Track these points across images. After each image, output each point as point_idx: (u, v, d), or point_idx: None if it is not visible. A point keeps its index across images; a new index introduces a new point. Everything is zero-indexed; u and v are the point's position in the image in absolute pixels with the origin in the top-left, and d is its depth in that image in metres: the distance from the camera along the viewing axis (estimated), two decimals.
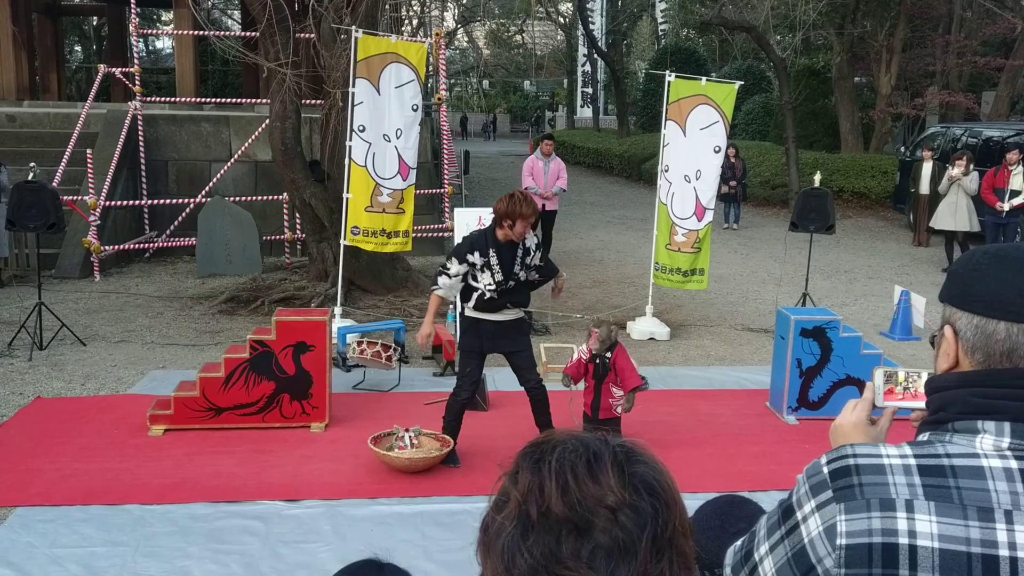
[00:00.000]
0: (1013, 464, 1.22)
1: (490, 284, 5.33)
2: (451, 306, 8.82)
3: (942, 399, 1.33)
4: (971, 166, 12.72)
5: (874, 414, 1.53)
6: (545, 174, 11.81)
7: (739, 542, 1.41)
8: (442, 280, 5.38)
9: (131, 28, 13.19)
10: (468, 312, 5.45)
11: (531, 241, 5.45)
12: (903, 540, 1.19)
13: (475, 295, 5.38)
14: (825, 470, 1.28)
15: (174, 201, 12.51)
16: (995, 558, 1.17)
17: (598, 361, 5.54)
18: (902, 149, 19.46)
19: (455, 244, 9.01)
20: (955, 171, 12.64)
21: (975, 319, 1.30)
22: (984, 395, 1.27)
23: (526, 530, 0.96)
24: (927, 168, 14.46)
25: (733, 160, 16.02)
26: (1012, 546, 1.17)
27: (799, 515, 1.27)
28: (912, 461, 1.25)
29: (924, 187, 14.43)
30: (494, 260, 5.31)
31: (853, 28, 21.01)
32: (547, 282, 5.72)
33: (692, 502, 1.83)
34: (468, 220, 8.39)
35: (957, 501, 1.20)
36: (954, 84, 21.82)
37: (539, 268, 5.60)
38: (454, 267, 5.35)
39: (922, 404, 1.42)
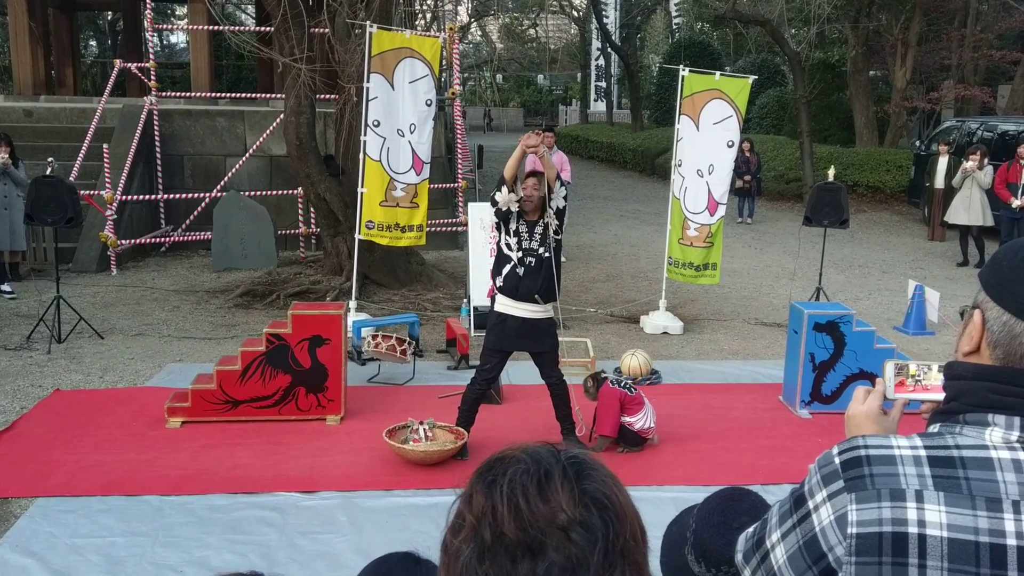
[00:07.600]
0: (1021, 455, 1.24)
1: (516, 249, 5.40)
2: (465, 300, 8.87)
3: (957, 388, 1.34)
4: (985, 160, 12.66)
5: (885, 406, 1.55)
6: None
7: (751, 529, 1.43)
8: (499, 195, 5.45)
9: (146, 23, 13.26)
10: (498, 304, 5.50)
11: (551, 220, 5.49)
12: (913, 530, 1.21)
13: (507, 267, 5.42)
14: (837, 460, 1.30)
15: (190, 196, 12.59)
16: (1003, 547, 1.18)
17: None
18: (917, 143, 19.36)
19: (469, 240, 9.08)
20: (969, 164, 12.58)
21: (1004, 315, 1.31)
22: (999, 391, 1.29)
23: (482, 554, 0.99)
24: (942, 162, 14.40)
25: (748, 154, 16.00)
26: (1020, 535, 1.19)
27: (810, 504, 1.29)
28: (922, 452, 1.27)
29: (939, 181, 14.36)
30: (523, 226, 5.43)
31: (868, 22, 20.90)
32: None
33: (703, 495, 1.87)
34: (482, 214, 8.42)
35: (966, 491, 1.22)
36: (970, 78, 21.67)
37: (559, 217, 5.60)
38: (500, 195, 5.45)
39: (932, 396, 1.43)
